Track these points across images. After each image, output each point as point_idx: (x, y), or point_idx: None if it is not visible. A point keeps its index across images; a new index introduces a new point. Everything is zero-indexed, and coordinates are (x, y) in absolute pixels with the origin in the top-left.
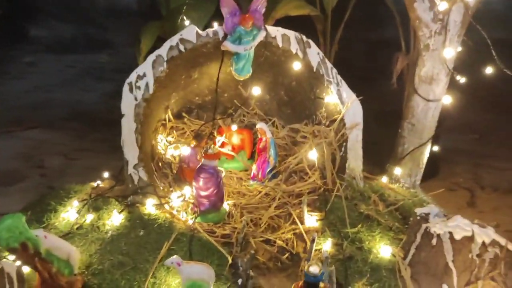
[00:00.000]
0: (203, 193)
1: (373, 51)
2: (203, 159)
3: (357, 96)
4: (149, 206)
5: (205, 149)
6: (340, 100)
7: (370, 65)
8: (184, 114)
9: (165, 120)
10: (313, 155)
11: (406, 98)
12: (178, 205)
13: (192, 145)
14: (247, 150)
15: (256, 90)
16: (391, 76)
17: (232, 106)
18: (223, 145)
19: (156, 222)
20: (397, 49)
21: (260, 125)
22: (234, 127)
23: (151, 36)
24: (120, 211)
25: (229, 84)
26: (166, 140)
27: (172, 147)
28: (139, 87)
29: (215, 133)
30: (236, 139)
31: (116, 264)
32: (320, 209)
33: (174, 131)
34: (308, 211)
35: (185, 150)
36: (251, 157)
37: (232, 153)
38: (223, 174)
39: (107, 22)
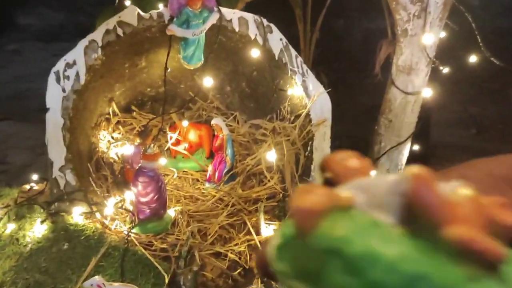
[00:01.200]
0: (142, 199)
1: (371, 41)
2: (141, 161)
3: (332, 90)
4: (77, 215)
5: (143, 148)
6: (305, 92)
7: (367, 56)
8: (133, 107)
9: (109, 114)
10: (271, 155)
11: (385, 91)
12: (113, 213)
13: (136, 143)
14: (206, 148)
15: (213, 81)
16: (374, 66)
17: (190, 99)
18: (178, 142)
19: (84, 233)
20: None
21: (215, 121)
22: (185, 122)
23: None
24: (42, 220)
25: (186, 74)
26: (112, 137)
27: (117, 145)
28: (67, 77)
29: (167, 129)
30: (193, 136)
31: (32, 284)
32: (279, 218)
33: (121, 127)
34: (265, 219)
35: (127, 149)
36: (211, 156)
37: (186, 153)
38: (175, 175)
39: (97, 11)
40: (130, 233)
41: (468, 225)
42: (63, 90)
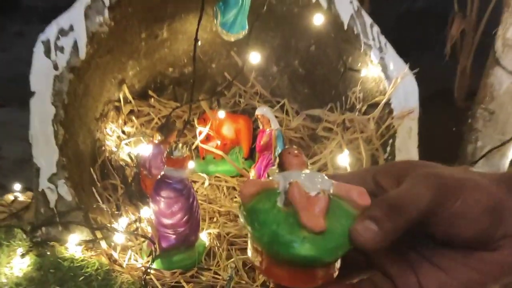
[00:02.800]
0: (166, 221)
1: (403, 24)
2: (164, 166)
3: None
4: (73, 245)
5: (167, 149)
6: (384, 73)
7: (403, 40)
8: (151, 92)
9: (119, 101)
10: (343, 158)
11: (485, 73)
12: (125, 240)
13: (156, 141)
14: (244, 146)
15: (257, 58)
16: (440, 45)
17: (224, 82)
18: (208, 139)
19: (83, 272)
20: (432, 20)
21: (261, 111)
22: (222, 113)
23: None
24: (23, 253)
25: (219, 49)
26: (123, 132)
27: (130, 142)
28: (61, 49)
29: (196, 122)
30: (227, 131)
31: None
32: None
33: (135, 118)
34: None
35: (145, 149)
36: (250, 156)
37: (220, 152)
38: (206, 184)
39: None
40: (149, 270)
41: (310, 211)
42: (55, 67)
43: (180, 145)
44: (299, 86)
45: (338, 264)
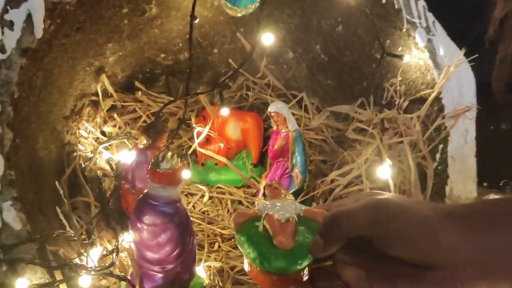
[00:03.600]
0: (150, 255)
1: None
2: (149, 184)
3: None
4: None
5: (153, 160)
6: (432, 60)
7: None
8: (138, 84)
9: (96, 95)
10: (384, 169)
11: None
12: (96, 281)
13: (142, 145)
14: (252, 151)
15: (269, 41)
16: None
17: (228, 71)
18: (209, 141)
19: None
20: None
21: (275, 107)
22: (225, 110)
23: None
24: None
25: (222, 30)
26: (102, 133)
27: (110, 146)
28: (10, 24)
29: (193, 121)
30: (232, 131)
31: None
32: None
33: (117, 116)
34: None
35: (127, 156)
36: (260, 162)
37: (223, 159)
38: (205, 198)
39: None
40: None
41: (282, 235)
42: (1, 49)
43: (169, 153)
44: (321, 77)
45: (306, 271)
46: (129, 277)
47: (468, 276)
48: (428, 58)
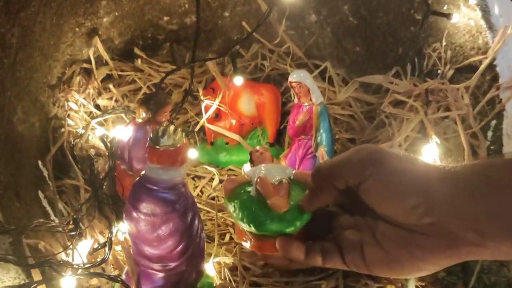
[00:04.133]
0: (149, 251)
1: None
2: (148, 164)
3: None
4: None
5: (153, 135)
6: (485, 20)
7: None
8: (138, 51)
9: (89, 62)
10: (430, 147)
11: None
12: (85, 280)
13: (140, 120)
14: (269, 127)
15: (289, 2)
16: None
17: (241, 37)
18: (219, 117)
19: None
20: None
21: (297, 76)
22: (239, 80)
23: None
24: None
25: None
26: (96, 106)
27: (105, 121)
28: None
29: (200, 93)
30: (246, 105)
31: None
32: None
33: (113, 87)
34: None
35: (123, 132)
36: (277, 141)
37: (235, 136)
38: (215, 181)
39: None
40: None
41: (276, 196)
42: None
43: (171, 127)
44: (348, 43)
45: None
46: (123, 276)
47: (468, 242)
48: (480, 18)
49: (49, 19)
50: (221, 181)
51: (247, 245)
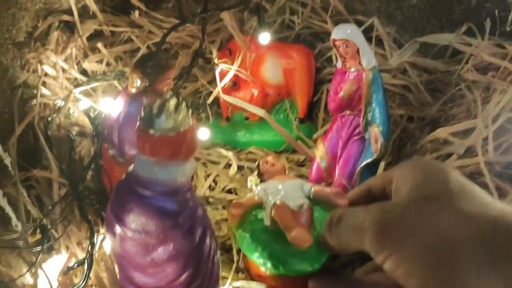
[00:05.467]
0: (141, 279)
1: None
2: (138, 156)
3: None
4: None
5: (145, 113)
6: None
7: None
8: (135, 1)
9: (70, 13)
10: None
11: None
12: None
13: (134, 88)
14: (299, 100)
15: None
16: None
17: None
18: (237, 86)
19: None
20: None
21: (342, 32)
22: (264, 38)
23: None
24: None
25: None
26: (83, 72)
27: (93, 91)
28: None
29: (214, 55)
30: (272, 72)
31: None
32: None
33: (102, 47)
34: None
35: (112, 106)
36: (308, 117)
37: (259, 111)
38: (233, 170)
39: None
40: None
41: (296, 228)
42: None
43: (172, 101)
44: None
45: None
46: None
47: None
48: None
49: None
50: (240, 168)
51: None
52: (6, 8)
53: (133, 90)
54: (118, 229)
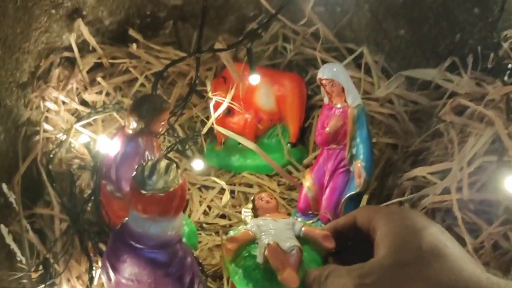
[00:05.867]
0: None
1: None
2: (131, 212)
3: None
4: None
5: (137, 173)
6: None
7: None
8: (133, 32)
9: (70, 50)
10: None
11: None
12: None
13: (130, 130)
14: (291, 125)
15: None
16: None
17: (258, 14)
18: (231, 112)
19: None
20: None
21: (328, 71)
22: (255, 77)
23: None
24: None
25: None
26: (83, 103)
27: (94, 122)
28: None
29: (208, 87)
30: (264, 98)
31: None
32: None
33: (101, 79)
34: None
35: (107, 145)
36: (300, 141)
37: (249, 144)
38: (225, 197)
39: None
40: None
41: (286, 269)
42: None
43: (162, 163)
44: (390, 25)
45: None
46: None
47: None
48: None
49: (11, 2)
50: (232, 194)
51: None
52: (10, 54)
53: (130, 131)
54: (112, 275)
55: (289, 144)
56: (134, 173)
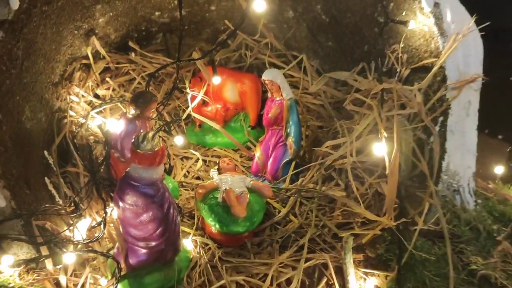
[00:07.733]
0: (134, 232)
1: None
2: (131, 164)
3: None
4: (6, 267)
5: (134, 140)
6: (438, 27)
7: None
8: (132, 44)
9: (87, 58)
10: (380, 145)
11: None
12: (79, 260)
13: (130, 115)
14: (250, 112)
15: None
16: None
17: (227, 28)
18: (206, 103)
19: None
20: None
21: (270, 75)
22: (217, 79)
23: None
24: None
25: None
26: (96, 96)
27: (104, 110)
28: None
29: (188, 83)
30: (230, 92)
31: None
32: (387, 263)
33: (109, 79)
34: (357, 263)
35: (114, 125)
36: (258, 124)
37: (216, 126)
38: (199, 164)
39: None
40: None
41: (237, 206)
42: None
43: (150, 134)
44: (321, 38)
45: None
46: (115, 250)
47: None
48: (433, 24)
49: (50, 29)
50: (205, 162)
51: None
52: (48, 64)
53: (130, 116)
54: (120, 204)
55: (249, 127)
56: (133, 140)
